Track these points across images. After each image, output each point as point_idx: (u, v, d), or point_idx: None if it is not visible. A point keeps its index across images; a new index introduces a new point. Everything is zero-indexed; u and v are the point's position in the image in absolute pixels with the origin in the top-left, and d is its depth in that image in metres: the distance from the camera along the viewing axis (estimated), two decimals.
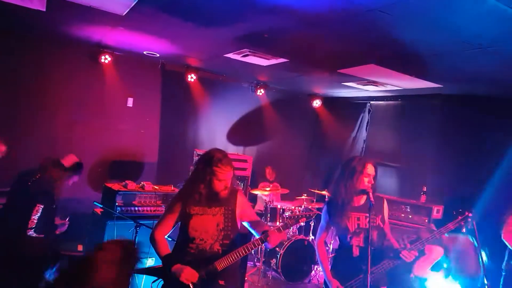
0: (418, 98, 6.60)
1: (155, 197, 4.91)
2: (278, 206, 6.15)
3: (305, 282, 6.00)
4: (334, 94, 8.11)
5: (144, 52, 6.05)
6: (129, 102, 6.70)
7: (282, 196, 7.27)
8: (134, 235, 4.00)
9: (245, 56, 5.32)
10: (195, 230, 2.82)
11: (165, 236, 2.92)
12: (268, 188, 6.69)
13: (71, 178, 4.18)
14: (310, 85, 7.46)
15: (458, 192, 5.44)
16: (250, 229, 3.03)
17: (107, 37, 5.44)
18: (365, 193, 3.09)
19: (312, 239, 6.19)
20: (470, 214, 3.17)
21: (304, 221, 2.98)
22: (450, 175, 5.78)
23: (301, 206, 6.36)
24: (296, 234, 6.26)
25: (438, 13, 3.05)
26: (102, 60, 6.13)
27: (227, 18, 3.92)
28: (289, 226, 2.95)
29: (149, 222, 4.06)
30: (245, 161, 6.62)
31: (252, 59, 5.48)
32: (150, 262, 4.21)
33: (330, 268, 3.29)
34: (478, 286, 4.38)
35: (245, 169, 6.56)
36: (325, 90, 7.90)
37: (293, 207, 6.25)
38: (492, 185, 4.96)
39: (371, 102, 7.69)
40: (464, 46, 3.68)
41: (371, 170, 3.16)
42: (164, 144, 7.05)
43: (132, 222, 4.05)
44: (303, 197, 6.53)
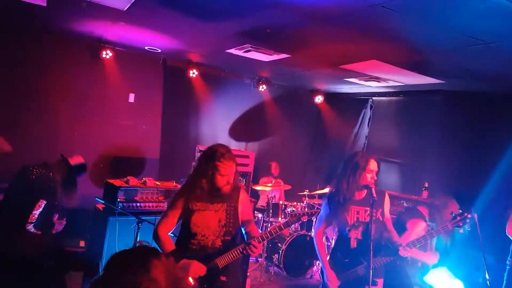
0: (420, 94, 6.58)
1: (157, 193, 4.92)
2: (280, 202, 6.14)
3: (307, 277, 6.00)
4: (336, 90, 8.08)
5: (145, 47, 6.03)
6: (130, 98, 6.68)
7: (285, 192, 7.26)
8: (135, 231, 4.00)
9: (247, 51, 5.29)
10: (197, 226, 2.82)
11: (168, 232, 2.91)
12: (269, 184, 6.68)
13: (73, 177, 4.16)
14: (312, 81, 7.44)
15: (460, 187, 5.42)
16: (242, 229, 3.02)
17: (108, 32, 5.42)
18: (367, 188, 3.09)
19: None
20: (469, 216, 3.16)
21: (306, 219, 2.97)
22: (452, 171, 5.76)
23: (303, 202, 6.35)
24: (298, 230, 6.25)
25: (441, 9, 3.03)
26: (104, 55, 6.11)
27: (229, 13, 3.89)
28: (290, 224, 2.95)
29: (151, 218, 4.07)
30: (247, 157, 6.61)
31: (254, 55, 5.45)
32: None
33: (328, 258, 3.33)
34: (480, 281, 4.38)
35: (247, 165, 6.54)
36: (327, 86, 7.88)
37: (295, 203, 6.23)
38: (494, 180, 4.95)
39: (373, 98, 7.66)
40: (467, 42, 3.66)
41: (374, 166, 3.16)
42: (166, 140, 7.03)
43: (134, 218, 4.05)
44: (305, 193, 6.52)
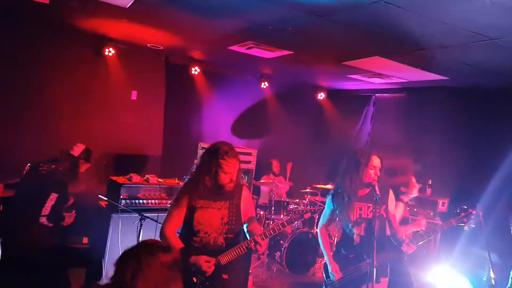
0: (423, 90, 6.55)
1: (160, 190, 4.94)
2: (282, 199, 6.13)
3: (309, 274, 6.01)
4: (339, 86, 8.06)
5: (147, 44, 6.03)
6: (133, 95, 6.68)
7: (287, 191, 7.26)
8: (138, 228, 4.01)
9: (249, 48, 5.28)
10: (200, 223, 2.82)
11: (175, 231, 2.89)
12: (271, 181, 6.68)
13: (83, 165, 4.31)
14: (314, 77, 7.41)
15: (464, 184, 5.40)
16: (244, 227, 3.01)
17: (111, 29, 5.42)
18: (371, 186, 3.07)
19: (316, 232, 6.17)
20: (474, 212, 3.15)
21: (308, 216, 2.96)
22: (455, 168, 5.73)
23: (305, 199, 6.35)
24: (300, 227, 6.25)
25: (444, 4, 3.00)
26: (106, 53, 6.11)
27: (231, 10, 3.88)
28: (293, 221, 2.94)
29: (153, 215, 4.07)
30: (249, 154, 6.60)
31: (256, 52, 5.44)
32: None
33: (332, 254, 3.34)
34: (484, 279, 4.38)
35: (249, 162, 6.53)
36: (329, 83, 7.85)
37: (297, 200, 6.23)
38: (499, 177, 4.92)
39: (376, 94, 7.63)
40: (472, 38, 3.63)
41: (377, 162, 3.14)
42: (168, 137, 7.04)
43: (136, 215, 4.05)
44: (307, 190, 6.51)
